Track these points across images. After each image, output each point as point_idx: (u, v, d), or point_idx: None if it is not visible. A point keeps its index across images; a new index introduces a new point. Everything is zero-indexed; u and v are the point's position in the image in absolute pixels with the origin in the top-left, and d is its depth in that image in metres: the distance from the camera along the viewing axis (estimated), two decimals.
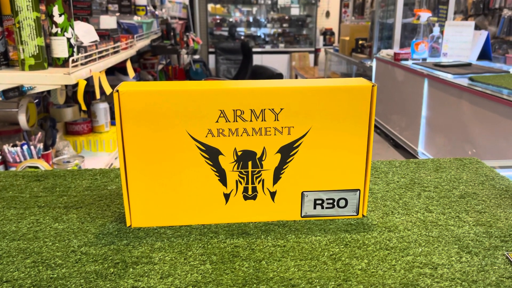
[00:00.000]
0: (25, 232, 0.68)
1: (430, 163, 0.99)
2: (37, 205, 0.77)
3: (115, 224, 0.70)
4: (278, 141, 0.68)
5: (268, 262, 0.60)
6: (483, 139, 2.40)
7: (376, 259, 0.61)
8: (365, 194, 0.72)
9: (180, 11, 5.99)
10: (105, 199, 0.80)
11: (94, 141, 1.96)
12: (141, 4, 3.03)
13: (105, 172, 0.93)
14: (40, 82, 1.29)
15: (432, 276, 0.57)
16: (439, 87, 2.85)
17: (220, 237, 0.66)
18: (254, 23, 8.71)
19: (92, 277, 0.56)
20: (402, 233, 0.68)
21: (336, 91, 0.67)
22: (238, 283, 0.55)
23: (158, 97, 0.64)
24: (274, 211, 0.71)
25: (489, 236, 0.67)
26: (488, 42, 3.29)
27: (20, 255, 0.61)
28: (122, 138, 0.65)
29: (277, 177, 0.70)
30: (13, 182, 0.87)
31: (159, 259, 0.60)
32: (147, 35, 2.92)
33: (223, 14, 8.57)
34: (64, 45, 1.39)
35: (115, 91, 0.63)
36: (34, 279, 0.56)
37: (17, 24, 1.29)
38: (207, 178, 0.68)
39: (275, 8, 8.74)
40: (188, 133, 0.66)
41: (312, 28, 8.69)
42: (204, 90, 0.65)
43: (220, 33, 8.50)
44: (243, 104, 0.65)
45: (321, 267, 0.59)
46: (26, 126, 1.52)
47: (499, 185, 0.86)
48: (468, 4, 5.86)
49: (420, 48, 3.34)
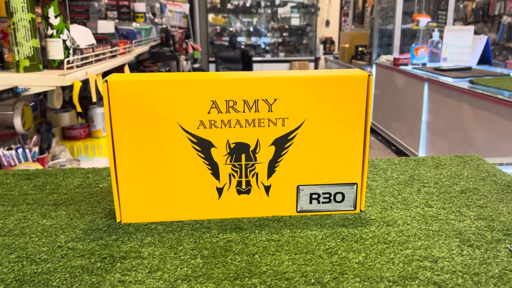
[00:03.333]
0: (12, 228, 0.66)
1: (430, 160, 0.97)
2: (25, 202, 0.75)
3: (104, 220, 0.68)
4: (272, 133, 0.66)
5: (262, 256, 0.57)
6: (485, 142, 2.37)
7: (374, 252, 0.58)
8: (363, 188, 0.70)
9: (180, 21, 6.01)
10: (96, 196, 0.78)
11: (91, 146, 1.94)
12: (140, 11, 3.03)
13: (97, 170, 0.91)
14: (34, 83, 1.28)
15: (432, 269, 0.55)
16: (440, 91, 2.83)
17: (213, 232, 0.64)
18: (255, 33, 8.74)
19: (78, 272, 0.54)
20: (401, 227, 0.66)
21: (331, 80, 0.65)
22: (229, 276, 0.53)
23: (148, 87, 0.62)
24: (269, 206, 0.69)
25: (491, 229, 0.65)
26: (488, 47, 3.28)
27: (5, 250, 0.59)
28: (111, 129, 0.63)
29: (272, 170, 0.67)
30: (3, 181, 0.85)
31: (148, 254, 0.58)
32: (146, 42, 2.92)
33: (224, 24, 8.61)
34: (60, 47, 1.38)
35: (103, 81, 0.61)
36: (17, 274, 0.54)
37: (12, 25, 1.28)
38: (199, 171, 0.66)
39: (275, 18, 8.77)
40: (179, 124, 0.64)
41: (312, 37, 8.71)
42: (195, 80, 0.63)
43: (220, 42, 8.53)
44: (236, 94, 0.64)
45: (317, 260, 0.56)
46: (22, 130, 1.50)
47: (500, 180, 0.84)
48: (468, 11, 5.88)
49: (420, 53, 3.33)
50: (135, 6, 3.01)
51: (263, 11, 8.65)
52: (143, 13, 3.02)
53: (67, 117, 1.95)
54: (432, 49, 3.44)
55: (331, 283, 0.52)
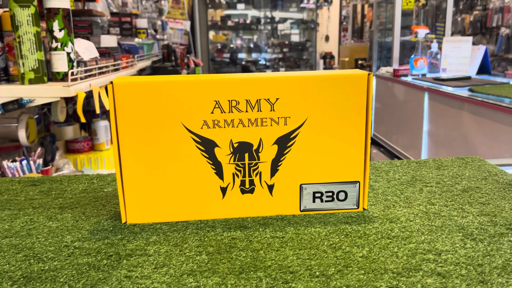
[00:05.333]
0: (18, 230, 0.66)
1: (432, 162, 0.97)
2: (31, 206, 0.76)
3: (110, 221, 0.69)
4: (275, 132, 0.67)
5: (266, 252, 0.58)
6: (486, 149, 2.38)
7: (377, 247, 0.59)
8: (365, 186, 0.70)
9: (181, 38, 6.08)
10: (101, 200, 0.78)
11: (95, 159, 1.96)
12: (142, 27, 3.08)
13: (102, 176, 0.92)
14: (39, 95, 1.30)
15: (435, 261, 0.55)
16: (440, 100, 2.85)
17: (217, 230, 0.65)
18: (255, 49, 8.82)
19: (84, 269, 0.55)
20: (404, 223, 0.66)
21: (332, 80, 0.66)
22: (235, 271, 0.53)
23: (152, 89, 0.64)
24: (272, 205, 0.70)
25: (494, 224, 0.65)
26: (487, 57, 3.30)
27: (12, 250, 0.60)
28: (116, 131, 0.64)
29: (275, 169, 0.68)
30: (9, 187, 0.86)
31: (154, 251, 0.59)
32: (148, 57, 2.96)
33: (224, 41, 8.70)
34: (64, 59, 1.40)
35: (109, 83, 0.63)
36: (24, 271, 0.54)
37: (17, 38, 1.30)
38: (203, 171, 0.67)
39: (275, 34, 8.87)
40: (183, 124, 0.65)
41: (312, 52, 8.79)
42: (198, 80, 0.64)
43: (221, 59, 8.61)
44: (238, 94, 0.65)
45: (321, 255, 0.57)
46: (26, 142, 1.51)
47: (502, 179, 0.85)
48: (466, 24, 5.94)
49: (419, 64, 3.36)
50: (137, 22, 3.05)
51: (263, 27, 8.75)
52: (145, 29, 3.07)
53: (71, 130, 1.97)
54: (431, 60, 3.47)
55: (336, 275, 0.52)
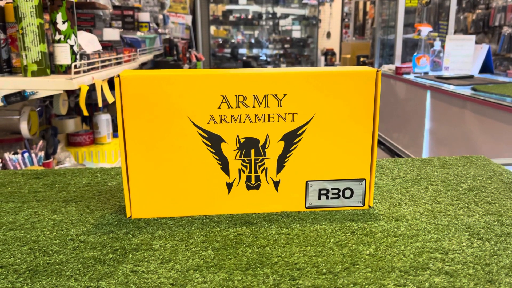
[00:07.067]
0: (23, 223, 0.66)
1: (436, 160, 0.97)
2: (35, 199, 0.76)
3: (114, 216, 0.69)
4: (282, 128, 0.66)
5: (272, 248, 0.58)
6: (488, 148, 2.38)
7: (384, 245, 0.59)
8: (371, 184, 0.70)
9: (182, 32, 6.06)
10: (105, 193, 0.78)
11: (96, 152, 1.95)
12: (144, 21, 3.06)
13: (106, 170, 0.91)
14: (42, 87, 1.29)
15: (443, 260, 0.55)
16: (442, 99, 2.84)
17: (223, 226, 0.64)
18: (256, 44, 8.80)
19: (90, 262, 0.54)
20: (410, 222, 0.66)
21: (340, 76, 0.66)
22: (241, 266, 0.53)
23: (159, 82, 0.63)
24: (278, 202, 0.69)
25: (500, 224, 0.65)
26: (489, 56, 3.30)
27: (17, 243, 0.60)
28: (122, 124, 0.64)
29: (281, 165, 0.68)
30: (12, 180, 0.86)
31: (160, 246, 0.58)
32: (150, 51, 2.95)
33: (225, 37, 8.67)
34: (67, 51, 1.39)
35: (116, 76, 0.62)
36: (30, 264, 0.54)
37: (21, 30, 1.30)
38: (209, 166, 0.67)
39: (276, 30, 8.84)
40: (189, 119, 0.65)
41: (313, 48, 8.76)
42: (205, 75, 0.64)
43: (222, 54, 8.59)
44: (246, 89, 0.64)
45: (327, 252, 0.57)
46: (28, 134, 1.51)
47: (507, 179, 0.84)
48: (468, 22, 5.92)
49: (422, 62, 3.35)
50: (139, 16, 3.04)
51: (264, 23, 8.72)
52: (147, 22, 3.05)
53: (72, 123, 1.96)
54: (433, 58, 3.46)
55: (343, 273, 0.52)
